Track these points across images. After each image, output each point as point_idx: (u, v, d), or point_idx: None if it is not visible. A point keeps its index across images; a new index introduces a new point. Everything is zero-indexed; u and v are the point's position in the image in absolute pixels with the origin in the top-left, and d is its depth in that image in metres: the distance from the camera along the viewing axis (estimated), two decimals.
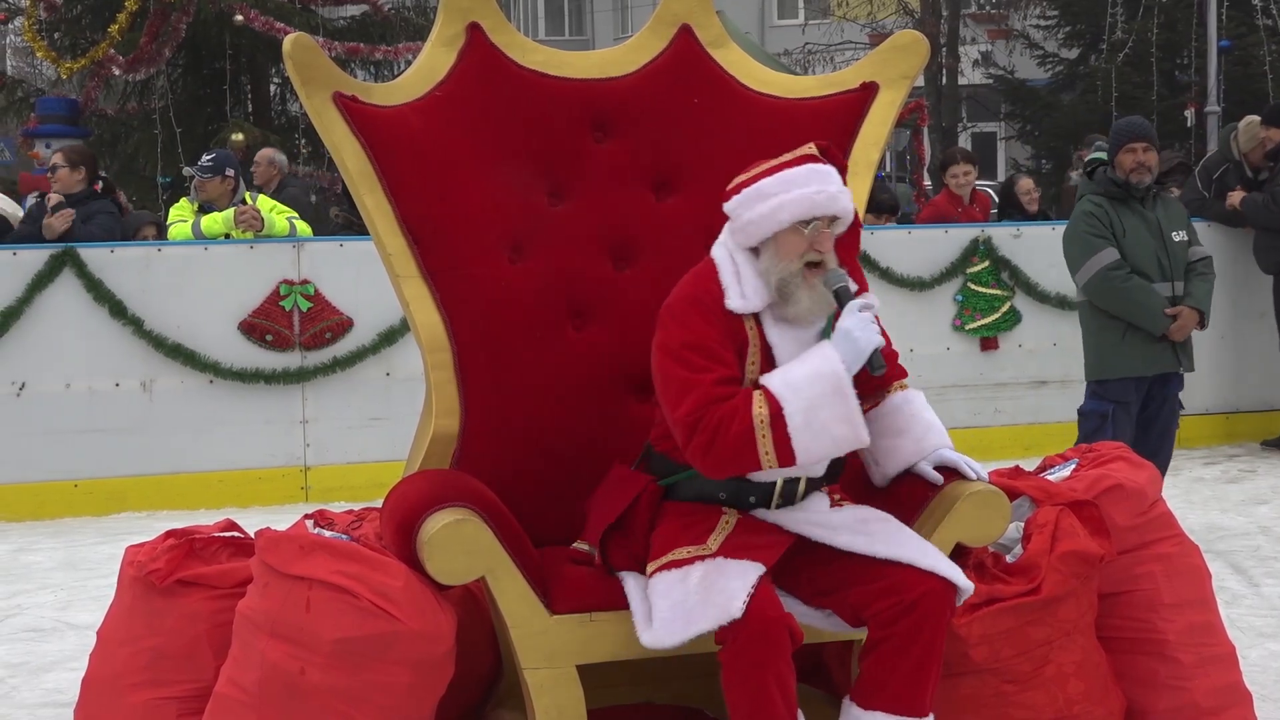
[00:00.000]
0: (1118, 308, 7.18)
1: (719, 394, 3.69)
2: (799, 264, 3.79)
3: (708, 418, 3.67)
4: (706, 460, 3.71)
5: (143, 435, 8.68)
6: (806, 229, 3.77)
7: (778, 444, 3.64)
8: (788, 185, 3.80)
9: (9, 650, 5.98)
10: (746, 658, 3.60)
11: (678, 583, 3.72)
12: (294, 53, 4.19)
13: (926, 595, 3.70)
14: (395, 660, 3.75)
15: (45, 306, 8.55)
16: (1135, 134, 7.22)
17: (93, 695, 4.26)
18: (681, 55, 4.58)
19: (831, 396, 3.66)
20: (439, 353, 4.20)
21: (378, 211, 4.21)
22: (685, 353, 3.76)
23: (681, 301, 3.86)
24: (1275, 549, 7.26)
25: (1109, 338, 7.25)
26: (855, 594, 3.76)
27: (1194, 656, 4.47)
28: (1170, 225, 7.27)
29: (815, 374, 3.68)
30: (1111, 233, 7.17)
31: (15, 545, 7.90)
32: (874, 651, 3.74)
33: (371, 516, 4.36)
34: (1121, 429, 7.14)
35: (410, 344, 6.51)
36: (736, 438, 3.65)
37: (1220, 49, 15.07)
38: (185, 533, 4.33)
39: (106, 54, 14.92)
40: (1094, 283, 7.22)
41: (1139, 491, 4.55)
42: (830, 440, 3.70)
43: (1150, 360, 7.20)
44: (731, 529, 3.84)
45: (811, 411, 3.65)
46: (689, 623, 3.64)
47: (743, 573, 3.67)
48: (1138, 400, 7.25)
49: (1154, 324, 7.12)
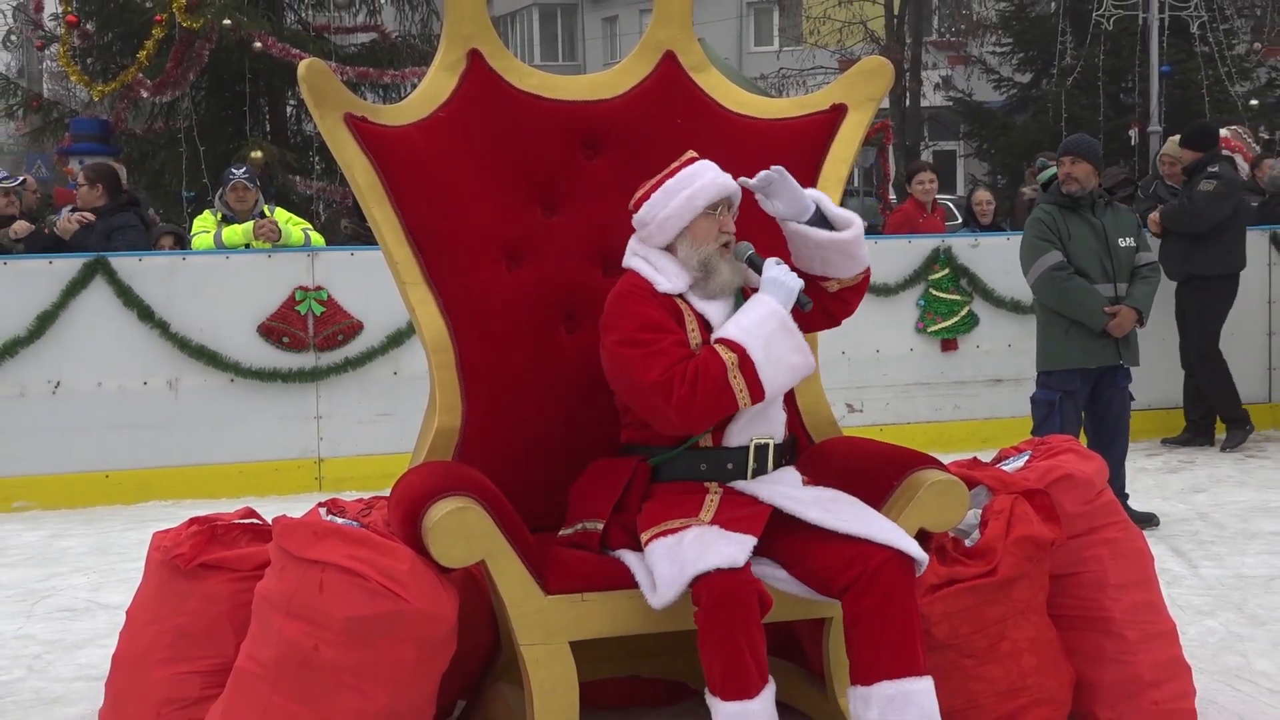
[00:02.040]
0: (1060, 304, 7.29)
1: (683, 354, 3.90)
2: (715, 245, 4.03)
3: (681, 373, 3.85)
4: (690, 410, 3.86)
5: (168, 430, 8.66)
6: (716, 214, 4.02)
7: (749, 381, 3.87)
8: (690, 180, 4.06)
9: (45, 628, 5.97)
10: (719, 618, 3.62)
11: (674, 546, 3.78)
12: (308, 76, 4.18)
13: (886, 564, 3.73)
14: (402, 637, 3.75)
15: (79, 311, 8.53)
16: (1069, 148, 7.42)
17: (122, 670, 4.26)
18: (665, 79, 4.58)
19: (781, 332, 3.92)
20: (442, 353, 4.20)
21: (385, 223, 4.21)
22: (638, 334, 3.93)
23: (617, 300, 4.05)
24: (1212, 534, 7.28)
25: (1054, 332, 7.35)
26: (823, 565, 3.80)
27: (1138, 633, 4.47)
28: (1118, 232, 7.34)
29: (763, 317, 3.93)
30: (1058, 237, 7.28)
31: (50, 531, 7.89)
32: (856, 631, 3.75)
33: (380, 505, 4.36)
34: (1068, 416, 7.24)
35: (416, 345, 6.49)
36: (714, 382, 3.84)
37: (1161, 74, 15.10)
38: (207, 520, 4.33)
39: (135, 78, 14.91)
40: (1039, 282, 7.36)
41: (1087, 481, 4.56)
42: (788, 369, 3.94)
43: (1093, 354, 7.27)
44: (718, 505, 3.90)
45: (769, 348, 3.89)
46: (683, 570, 3.68)
47: (739, 541, 3.75)
48: (1083, 390, 7.31)
49: (1093, 320, 7.20)
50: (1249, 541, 7.09)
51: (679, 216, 4.03)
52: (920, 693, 3.70)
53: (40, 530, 7.93)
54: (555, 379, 4.29)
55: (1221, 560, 6.71)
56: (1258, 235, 10.29)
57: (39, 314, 8.45)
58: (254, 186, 9.46)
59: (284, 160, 14.89)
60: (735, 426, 3.99)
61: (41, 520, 8.18)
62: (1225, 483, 8.67)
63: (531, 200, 4.40)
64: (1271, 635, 5.48)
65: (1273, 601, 5.96)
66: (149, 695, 4.12)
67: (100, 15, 15.85)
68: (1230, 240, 9.59)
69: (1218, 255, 9.55)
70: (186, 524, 4.31)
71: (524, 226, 4.36)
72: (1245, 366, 10.26)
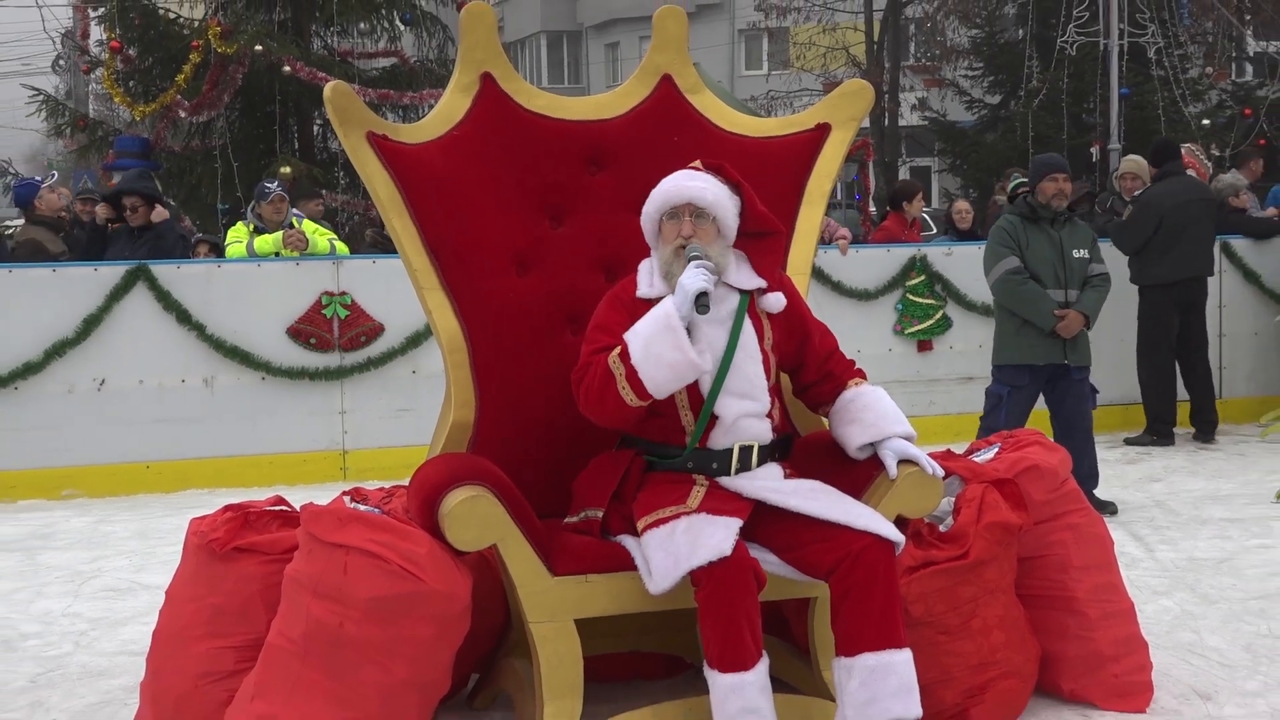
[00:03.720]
0: (1013, 304, 7.41)
1: (595, 358, 3.89)
2: (672, 248, 3.96)
3: (582, 373, 3.89)
4: (588, 403, 3.90)
5: (205, 424, 8.66)
6: (678, 219, 3.96)
7: (628, 377, 3.78)
8: (656, 189, 4.03)
9: (90, 607, 5.97)
10: (719, 598, 3.61)
11: (666, 536, 3.76)
12: (333, 98, 4.18)
13: (867, 548, 3.72)
14: (421, 616, 3.75)
15: (122, 315, 8.53)
16: (1057, 166, 7.48)
17: (162, 645, 4.25)
18: (663, 100, 4.58)
19: (663, 331, 3.79)
20: (457, 353, 4.20)
21: (405, 233, 4.20)
22: (590, 333, 3.98)
23: (604, 298, 4.06)
24: (1167, 520, 7.28)
25: (1007, 330, 7.49)
26: (809, 551, 3.79)
27: (1099, 611, 4.48)
28: (1072, 244, 7.45)
29: (651, 318, 3.85)
30: (1018, 245, 7.42)
31: (96, 518, 7.89)
32: (841, 607, 3.74)
33: (400, 493, 4.35)
34: (1016, 408, 7.37)
35: (433, 346, 6.48)
36: (599, 378, 3.83)
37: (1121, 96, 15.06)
38: (241, 507, 4.32)
39: (174, 99, 14.89)
40: (997, 283, 7.51)
41: (1052, 471, 4.56)
42: (667, 367, 3.79)
43: (1040, 352, 7.36)
44: (703, 495, 3.88)
45: (648, 346, 3.79)
46: (678, 564, 3.66)
47: (725, 524, 3.73)
48: (1032, 385, 7.42)
49: (1042, 321, 7.31)
50: (1201, 527, 7.09)
51: (646, 223, 4.07)
52: (900, 664, 3.69)
53: (87, 516, 7.93)
54: (561, 377, 4.27)
55: (1176, 544, 6.71)
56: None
57: (85, 317, 8.47)
58: (286, 199, 9.52)
59: (311, 175, 14.86)
60: (717, 434, 3.95)
61: (88, 507, 8.19)
62: (1179, 473, 8.67)
63: (539, 212, 4.39)
64: (1221, 613, 5.48)
65: (1223, 582, 5.96)
66: (187, 668, 4.11)
67: (141, 41, 15.85)
68: (1178, 251, 9.52)
69: (1162, 265, 9.51)
70: (221, 511, 4.31)
71: (532, 237, 4.36)
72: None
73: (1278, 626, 5.28)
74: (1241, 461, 9.00)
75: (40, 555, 7.01)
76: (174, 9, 16.81)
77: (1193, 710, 4.41)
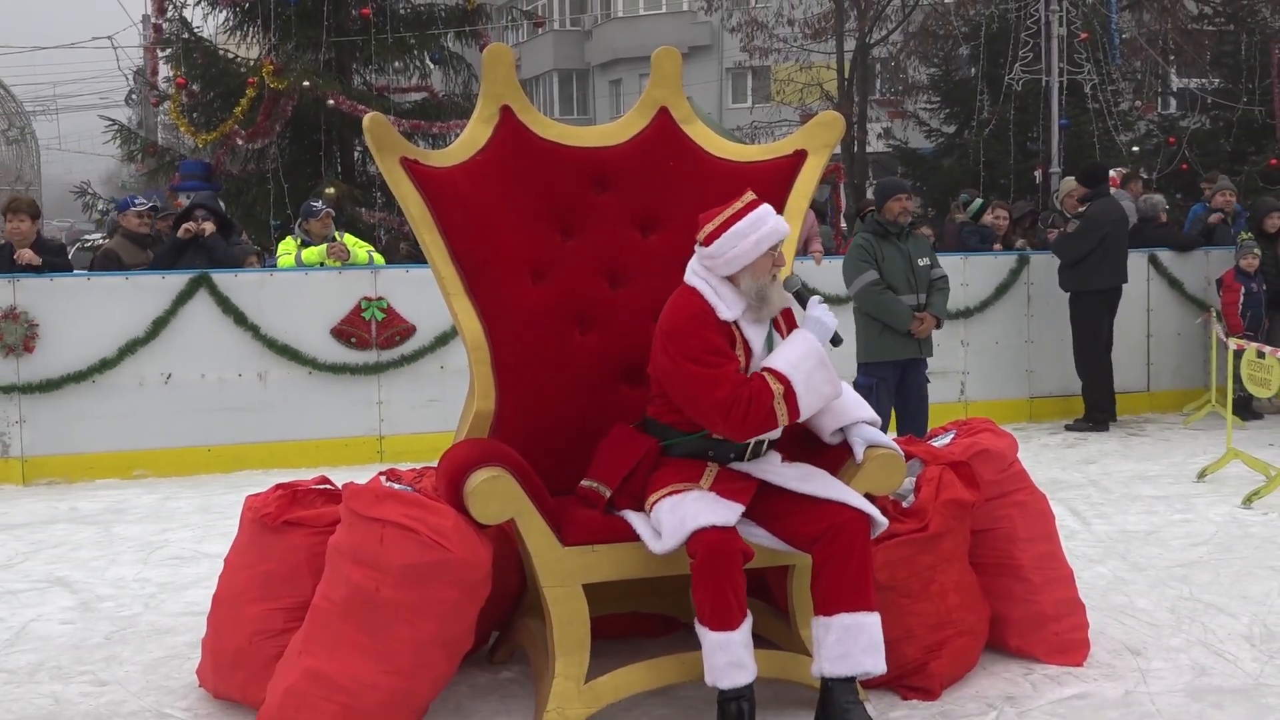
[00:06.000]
0: (876, 312, 7.66)
1: (741, 379, 3.79)
2: (769, 277, 3.90)
3: (739, 397, 3.74)
4: (743, 428, 3.79)
5: (259, 413, 8.66)
6: (773, 252, 3.89)
7: (790, 409, 3.77)
8: (758, 224, 3.89)
9: (158, 572, 5.96)
10: (711, 566, 3.64)
11: (677, 503, 3.77)
12: (371, 127, 4.17)
13: (848, 521, 3.76)
14: (447, 581, 3.74)
15: (186, 316, 8.53)
16: (900, 188, 7.84)
17: (220, 607, 4.25)
18: (660, 129, 4.56)
19: (819, 367, 3.82)
20: (479, 351, 4.19)
21: (434, 247, 4.19)
22: (705, 355, 3.81)
23: (687, 319, 3.87)
24: (1102, 497, 7.27)
25: (871, 333, 7.73)
26: (797, 521, 3.82)
27: (1042, 577, 4.47)
28: (917, 254, 7.78)
29: (805, 353, 3.82)
30: (874, 259, 7.67)
31: (163, 495, 7.88)
32: (822, 573, 3.77)
33: (430, 474, 4.35)
34: (883, 397, 7.62)
35: (459, 345, 6.48)
36: (764, 409, 3.76)
37: (1061, 126, 15.05)
38: (290, 485, 4.32)
39: (232, 129, 14.92)
40: (860, 295, 7.74)
41: (1001, 454, 4.55)
42: (821, 398, 3.85)
43: (899, 349, 7.67)
44: (715, 477, 3.90)
45: (809, 380, 3.79)
46: (684, 524, 3.67)
47: (731, 506, 3.77)
48: (893, 377, 7.70)
49: (901, 324, 7.60)
50: (1131, 503, 7.08)
51: (746, 256, 3.86)
52: (870, 624, 3.74)
53: (155, 494, 7.93)
54: (570, 373, 4.28)
55: (1109, 518, 6.70)
56: (1138, 256, 10.29)
57: (154, 319, 8.48)
58: (331, 216, 9.52)
59: (352, 195, 14.85)
60: None
61: (156, 486, 8.19)
62: (1112, 456, 8.67)
63: (551, 228, 4.38)
64: (1149, 579, 5.48)
65: (1150, 552, 5.95)
66: (242, 628, 4.11)
67: (204, 78, 15.86)
68: (1111, 261, 9.56)
69: (1099, 274, 9.54)
70: (273, 489, 4.30)
71: (545, 249, 4.35)
72: (1129, 363, 10.31)
73: (1198, 590, 5.27)
74: (1167, 446, 8.99)
75: (114, 527, 7.01)
76: (232, 50, 16.79)
77: (1124, 664, 4.41)
